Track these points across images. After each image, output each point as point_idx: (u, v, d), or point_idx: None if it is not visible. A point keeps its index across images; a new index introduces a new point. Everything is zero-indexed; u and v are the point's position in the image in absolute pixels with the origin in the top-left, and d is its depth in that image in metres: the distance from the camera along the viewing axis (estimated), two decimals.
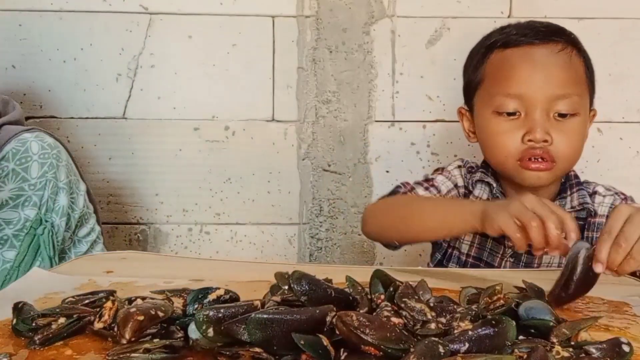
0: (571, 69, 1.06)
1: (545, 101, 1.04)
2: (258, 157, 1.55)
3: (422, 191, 1.14)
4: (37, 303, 0.70)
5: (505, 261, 1.12)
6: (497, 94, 1.07)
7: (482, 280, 0.81)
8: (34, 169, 1.11)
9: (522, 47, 1.07)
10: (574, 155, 1.09)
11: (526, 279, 0.78)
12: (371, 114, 1.54)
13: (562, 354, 0.58)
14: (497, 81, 1.08)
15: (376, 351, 0.54)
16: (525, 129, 1.05)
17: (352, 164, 1.55)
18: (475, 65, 1.13)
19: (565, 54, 1.06)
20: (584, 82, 1.09)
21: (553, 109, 1.04)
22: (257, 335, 0.55)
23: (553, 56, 1.06)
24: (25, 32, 1.46)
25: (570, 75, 1.06)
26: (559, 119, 1.05)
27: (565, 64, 1.06)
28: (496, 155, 1.09)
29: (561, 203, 1.12)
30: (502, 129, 1.07)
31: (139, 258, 1.01)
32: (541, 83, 1.04)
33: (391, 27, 1.51)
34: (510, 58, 1.07)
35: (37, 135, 1.14)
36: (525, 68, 1.05)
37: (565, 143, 1.05)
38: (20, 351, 0.60)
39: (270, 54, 1.52)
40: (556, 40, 1.07)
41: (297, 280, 0.63)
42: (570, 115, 1.05)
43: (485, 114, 1.09)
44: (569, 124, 1.06)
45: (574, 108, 1.05)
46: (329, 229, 1.57)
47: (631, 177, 1.56)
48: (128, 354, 0.57)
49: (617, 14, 1.51)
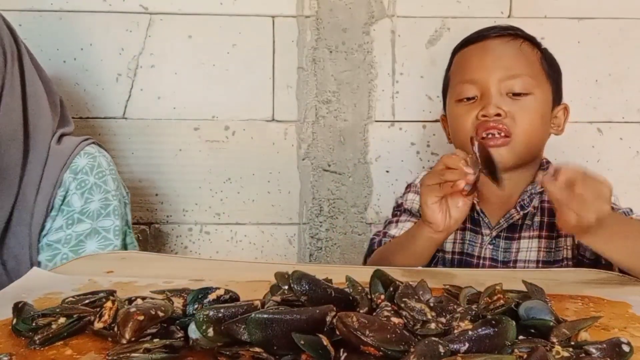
0: (520, 54, 1.14)
1: (497, 81, 1.11)
2: (258, 157, 1.55)
3: (394, 230, 1.19)
4: (37, 303, 0.70)
5: (484, 249, 1.15)
6: (457, 84, 1.16)
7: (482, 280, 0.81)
8: (110, 183, 1.17)
9: (477, 42, 1.17)
10: (532, 131, 1.11)
11: (526, 279, 0.78)
12: (371, 114, 1.54)
13: (562, 354, 0.58)
14: (457, 74, 1.18)
15: (376, 351, 0.54)
16: (480, 108, 1.11)
17: (352, 164, 1.55)
18: (446, 71, 1.24)
19: (515, 42, 1.15)
20: (537, 67, 1.15)
21: (505, 88, 1.11)
22: (257, 335, 0.55)
23: (503, 44, 1.15)
24: (25, 32, 1.46)
25: (519, 58, 1.13)
26: (513, 97, 1.11)
27: (514, 49, 1.14)
28: (459, 138, 1.15)
29: (533, 186, 1.16)
30: (461, 112, 1.14)
31: (139, 258, 1.01)
32: (492, 66, 1.12)
33: (391, 27, 1.51)
34: (467, 52, 1.18)
35: (99, 149, 1.21)
36: (478, 56, 1.15)
37: (520, 115, 1.09)
38: (20, 351, 0.60)
39: (270, 54, 1.52)
40: (508, 33, 1.16)
41: (297, 280, 0.63)
42: (523, 94, 1.11)
43: (451, 105, 1.18)
44: (523, 101, 1.11)
45: (526, 87, 1.11)
46: (329, 229, 1.57)
47: (631, 177, 1.56)
48: (128, 354, 0.57)
49: (617, 14, 1.51)
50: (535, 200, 1.14)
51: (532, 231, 1.14)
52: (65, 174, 1.15)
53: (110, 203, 1.16)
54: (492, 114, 1.09)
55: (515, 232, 1.14)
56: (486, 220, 1.16)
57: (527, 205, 1.14)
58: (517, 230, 1.14)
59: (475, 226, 1.17)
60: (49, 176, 1.14)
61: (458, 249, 1.18)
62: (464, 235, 1.18)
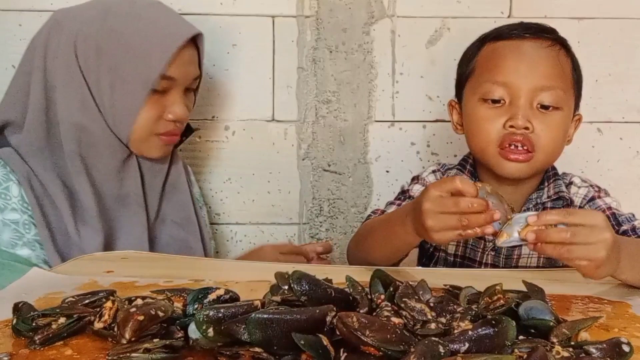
0: (557, 64, 1.09)
1: (529, 91, 1.06)
2: (258, 157, 1.55)
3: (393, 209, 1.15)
4: (37, 303, 0.71)
5: (487, 255, 1.14)
6: (485, 82, 1.09)
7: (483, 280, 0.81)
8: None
9: (512, 40, 1.11)
10: (554, 149, 1.10)
11: (526, 279, 0.78)
12: (371, 114, 1.54)
13: (562, 354, 0.58)
14: (486, 70, 1.11)
15: (376, 352, 0.54)
16: (508, 116, 1.07)
17: (352, 164, 1.55)
18: (469, 58, 1.17)
19: (552, 49, 1.09)
20: (569, 80, 1.11)
21: (536, 100, 1.07)
22: (257, 335, 0.55)
23: (541, 49, 1.09)
24: (25, 32, 1.46)
25: (555, 69, 1.08)
26: (542, 110, 1.07)
27: (551, 58, 1.09)
28: (478, 141, 1.11)
29: (539, 194, 1.14)
30: (486, 115, 1.09)
31: (139, 258, 1.01)
32: (526, 73, 1.07)
33: (391, 27, 1.51)
34: (500, 49, 1.11)
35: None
36: (512, 58, 1.08)
37: (546, 133, 1.07)
38: (20, 351, 0.60)
39: (270, 54, 1.52)
40: (545, 36, 1.10)
41: (297, 280, 0.63)
42: (553, 108, 1.07)
43: (472, 101, 1.12)
44: (551, 116, 1.07)
45: (557, 101, 1.07)
46: (329, 229, 1.57)
47: (631, 177, 1.56)
48: (128, 354, 0.57)
49: (617, 14, 1.51)
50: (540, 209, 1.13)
51: None
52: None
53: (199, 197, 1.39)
54: (522, 127, 1.05)
55: None
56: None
57: None
58: None
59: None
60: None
61: (460, 252, 1.17)
62: (466, 239, 1.16)
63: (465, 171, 1.19)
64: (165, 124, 1.16)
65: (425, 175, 1.22)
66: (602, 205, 1.11)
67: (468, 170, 1.19)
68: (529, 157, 1.06)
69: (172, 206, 1.25)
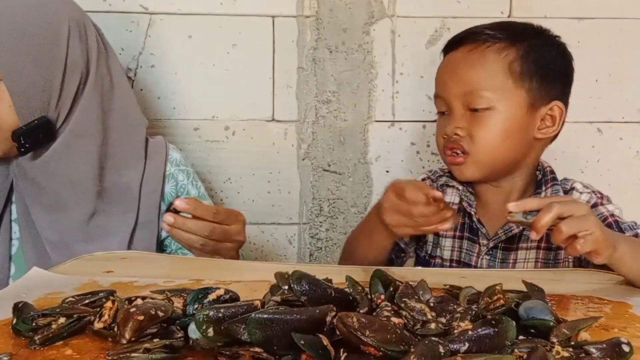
0: (479, 66, 1.09)
1: (456, 98, 1.10)
2: (258, 157, 1.55)
3: None
4: (37, 303, 0.70)
5: (481, 259, 1.14)
6: (433, 96, 1.17)
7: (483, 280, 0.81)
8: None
9: (450, 54, 1.15)
10: (494, 147, 1.09)
11: (526, 279, 0.78)
12: (371, 114, 1.54)
13: (562, 354, 0.58)
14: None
15: (376, 352, 0.54)
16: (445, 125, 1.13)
17: (352, 164, 1.55)
18: None
19: (475, 52, 1.10)
20: (500, 77, 1.08)
21: (466, 104, 1.09)
22: (257, 335, 0.55)
23: (463, 56, 1.11)
24: None
25: (476, 71, 1.09)
26: (474, 112, 1.09)
27: (473, 61, 1.10)
28: (439, 152, 1.18)
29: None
30: (437, 126, 1.17)
31: (139, 258, 1.01)
32: (449, 81, 1.12)
33: (391, 27, 1.51)
34: (441, 62, 1.17)
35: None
36: (441, 71, 1.15)
37: (478, 135, 1.08)
38: (20, 351, 0.60)
39: (270, 54, 1.52)
40: (469, 42, 1.11)
41: (297, 280, 0.63)
42: (482, 109, 1.08)
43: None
44: (482, 117, 1.08)
45: (483, 102, 1.08)
46: (329, 229, 1.57)
47: (631, 177, 1.56)
48: (128, 354, 0.57)
49: (617, 14, 1.51)
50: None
51: (530, 242, 1.11)
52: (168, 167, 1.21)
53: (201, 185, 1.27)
54: (451, 134, 1.10)
55: (513, 243, 1.12)
56: (484, 231, 1.14)
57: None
58: (515, 240, 1.12)
59: (473, 235, 1.16)
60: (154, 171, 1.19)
61: (455, 257, 1.17)
62: (461, 243, 1.17)
63: (451, 176, 1.19)
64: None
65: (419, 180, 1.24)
66: (605, 212, 1.09)
67: None
68: (465, 158, 1.10)
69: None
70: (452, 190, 1.19)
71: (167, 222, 0.94)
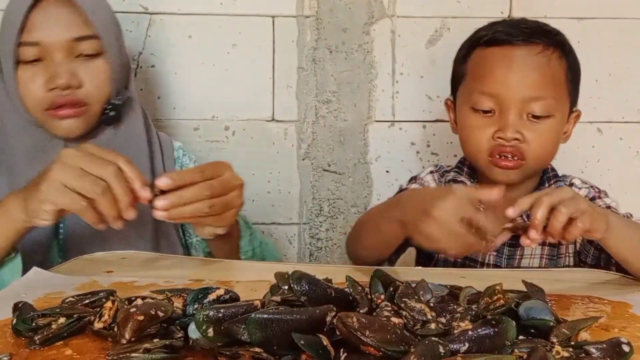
0: (548, 72, 1.07)
1: (519, 102, 1.06)
2: (258, 157, 1.55)
3: None
4: (37, 303, 0.70)
5: (489, 255, 1.14)
6: (475, 91, 1.09)
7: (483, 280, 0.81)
8: None
9: (502, 47, 1.08)
10: (546, 155, 1.11)
11: (526, 279, 0.78)
12: (371, 114, 1.54)
13: (562, 354, 0.58)
14: (475, 78, 1.11)
15: (376, 352, 0.54)
16: (497, 127, 1.07)
17: (352, 164, 1.55)
18: (461, 59, 1.16)
19: (543, 56, 1.07)
20: (562, 84, 1.09)
21: (526, 110, 1.06)
22: (257, 335, 0.55)
23: (530, 58, 1.07)
24: None
25: (546, 78, 1.07)
26: (533, 119, 1.07)
27: (542, 66, 1.07)
28: (469, 149, 1.13)
29: None
30: (476, 124, 1.09)
31: (139, 258, 1.01)
32: (515, 84, 1.06)
33: (391, 27, 1.51)
34: (490, 57, 1.09)
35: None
36: (502, 68, 1.07)
37: (536, 142, 1.07)
38: (20, 351, 0.60)
39: (270, 54, 1.52)
40: (537, 41, 1.08)
41: (297, 280, 0.63)
42: (544, 117, 1.07)
43: (464, 109, 1.12)
44: (542, 125, 1.07)
45: (547, 110, 1.07)
46: (329, 229, 1.57)
47: (631, 177, 1.56)
48: (128, 354, 0.57)
49: (617, 14, 1.51)
50: None
51: None
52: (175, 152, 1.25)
53: None
54: (511, 139, 1.06)
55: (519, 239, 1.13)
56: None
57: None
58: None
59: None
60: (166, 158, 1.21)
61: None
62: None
63: (462, 173, 1.19)
64: (49, 96, 1.06)
65: (423, 175, 1.23)
66: (602, 204, 1.11)
67: (466, 172, 1.19)
68: (519, 164, 1.07)
69: None
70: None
71: (161, 207, 0.83)
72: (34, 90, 1.06)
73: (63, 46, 1.06)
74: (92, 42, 1.08)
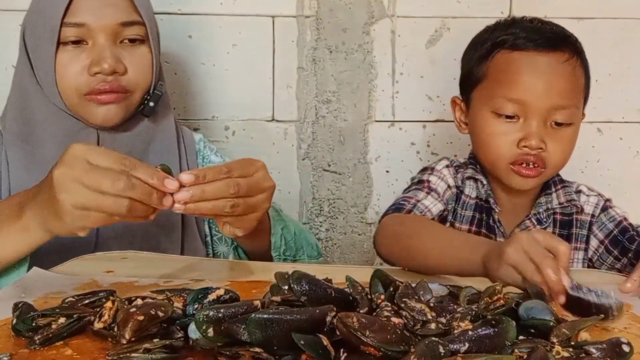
0: (573, 80, 1.08)
1: (545, 110, 1.05)
2: (258, 157, 1.54)
3: (423, 197, 1.12)
4: (37, 303, 0.70)
5: None
6: (498, 96, 1.07)
7: (483, 280, 0.81)
8: None
9: (528, 53, 1.07)
10: (564, 163, 1.11)
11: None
12: (371, 114, 1.54)
13: (562, 354, 0.58)
14: (499, 83, 1.08)
15: (376, 352, 0.54)
16: (522, 134, 1.06)
17: (352, 164, 1.55)
18: (479, 59, 1.13)
19: (569, 64, 1.07)
20: (582, 92, 1.11)
21: (551, 118, 1.06)
22: (257, 335, 0.55)
23: (558, 66, 1.06)
24: None
25: (572, 86, 1.07)
26: (555, 127, 1.07)
27: (568, 75, 1.07)
28: (488, 154, 1.11)
29: (547, 199, 1.15)
30: (498, 131, 1.07)
31: (139, 258, 1.01)
32: (543, 92, 1.05)
33: (391, 27, 1.51)
34: (516, 62, 1.07)
35: None
36: (529, 74, 1.06)
37: (558, 151, 1.07)
38: (20, 351, 0.60)
39: (270, 54, 1.52)
40: (563, 49, 1.07)
41: (297, 280, 0.63)
42: (565, 124, 1.07)
43: (483, 112, 1.10)
44: (564, 132, 1.07)
45: (570, 118, 1.07)
46: (329, 229, 1.57)
47: (631, 177, 1.56)
48: (128, 354, 0.57)
49: (617, 14, 1.51)
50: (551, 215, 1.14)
51: None
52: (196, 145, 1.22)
53: None
54: (535, 147, 1.05)
55: None
56: (501, 229, 1.14)
57: (545, 221, 1.13)
58: None
59: (490, 232, 1.15)
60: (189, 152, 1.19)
61: None
62: None
63: (477, 170, 1.17)
64: (91, 80, 1.02)
65: (440, 168, 1.18)
66: (617, 216, 1.13)
67: (480, 170, 1.17)
68: (540, 173, 1.07)
69: None
70: (471, 184, 1.16)
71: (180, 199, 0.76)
72: (74, 74, 1.02)
73: (110, 30, 1.02)
74: (138, 28, 1.05)
